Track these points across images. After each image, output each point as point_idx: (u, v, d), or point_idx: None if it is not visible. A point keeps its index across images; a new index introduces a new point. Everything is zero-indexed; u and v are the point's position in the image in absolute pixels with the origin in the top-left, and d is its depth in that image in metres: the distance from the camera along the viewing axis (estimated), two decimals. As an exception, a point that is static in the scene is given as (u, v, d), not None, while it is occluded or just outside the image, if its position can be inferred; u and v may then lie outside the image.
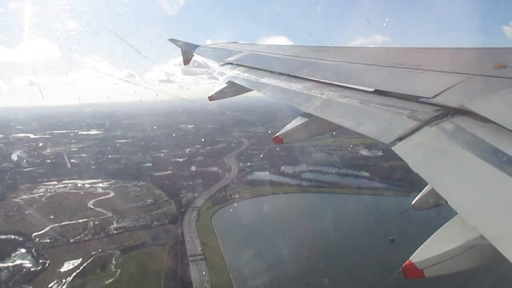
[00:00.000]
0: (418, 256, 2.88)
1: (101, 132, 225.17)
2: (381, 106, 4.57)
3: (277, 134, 5.83)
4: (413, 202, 5.52)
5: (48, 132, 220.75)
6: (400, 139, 3.72)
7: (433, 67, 5.17)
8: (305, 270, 71.70)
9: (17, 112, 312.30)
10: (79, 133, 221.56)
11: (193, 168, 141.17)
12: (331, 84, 6.08)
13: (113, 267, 74.06)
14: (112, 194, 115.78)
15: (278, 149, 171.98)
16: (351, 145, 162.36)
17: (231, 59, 10.89)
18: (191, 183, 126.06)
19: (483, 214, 2.59)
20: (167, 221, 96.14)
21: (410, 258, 2.87)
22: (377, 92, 5.02)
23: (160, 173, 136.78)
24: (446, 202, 2.77)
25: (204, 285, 68.82)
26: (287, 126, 5.87)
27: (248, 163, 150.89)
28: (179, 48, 14.86)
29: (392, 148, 3.67)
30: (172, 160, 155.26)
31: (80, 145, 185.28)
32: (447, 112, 3.77)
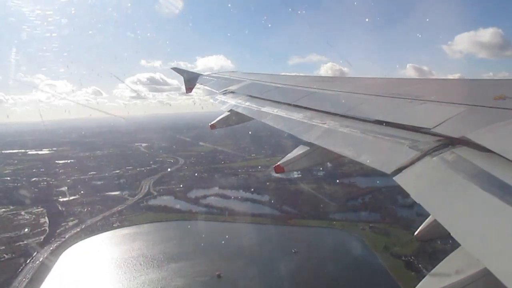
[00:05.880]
0: None
1: (51, 151, 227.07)
2: (382, 136, 4.55)
3: (279, 163, 5.67)
4: (416, 233, 5.37)
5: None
6: (401, 169, 3.65)
7: (433, 97, 5.18)
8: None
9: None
10: (29, 153, 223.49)
11: (102, 193, 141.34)
12: (332, 114, 6.08)
13: None
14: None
15: (202, 169, 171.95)
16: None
17: (232, 88, 11.10)
18: (86, 209, 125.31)
19: (487, 246, 2.48)
20: (21, 255, 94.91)
21: None
22: (378, 122, 5.01)
23: (66, 199, 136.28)
24: (449, 234, 2.66)
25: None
26: (288, 155, 5.74)
27: (163, 186, 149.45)
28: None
29: (394, 178, 3.60)
30: (92, 182, 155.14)
31: (17, 167, 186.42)
32: (448, 142, 3.75)
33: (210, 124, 9.62)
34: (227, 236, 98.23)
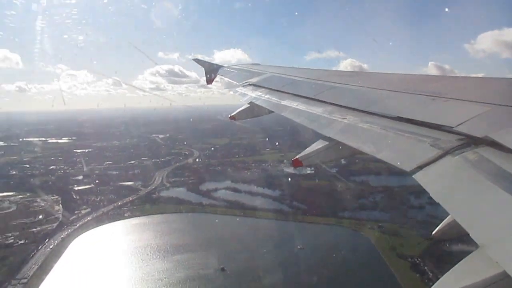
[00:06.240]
0: None
1: (71, 140, 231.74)
2: (403, 133, 4.58)
3: (297, 157, 5.75)
4: (434, 232, 5.42)
5: (20, 139, 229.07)
6: (421, 167, 3.68)
7: (457, 95, 5.13)
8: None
9: (8, 118, 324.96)
10: (49, 141, 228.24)
11: (116, 182, 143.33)
12: (352, 109, 6.11)
13: None
14: (12, 209, 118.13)
15: (216, 162, 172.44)
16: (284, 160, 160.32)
17: (253, 80, 11.19)
18: (99, 198, 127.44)
19: (506, 249, 2.52)
20: (33, 241, 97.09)
21: None
22: (399, 118, 5.02)
23: (81, 187, 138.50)
24: (468, 234, 2.71)
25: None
26: (307, 149, 5.81)
27: (176, 178, 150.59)
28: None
29: (413, 176, 3.64)
30: (107, 172, 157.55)
31: (37, 155, 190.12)
32: (471, 141, 3.73)
33: (230, 115, 9.65)
34: (234, 230, 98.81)
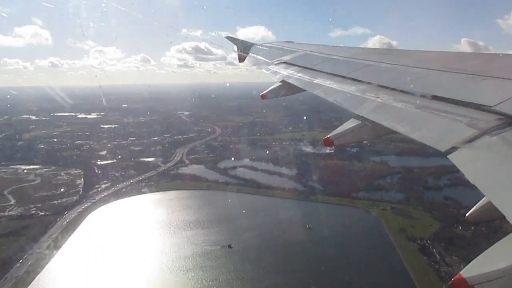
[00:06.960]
0: (470, 271, 2.66)
1: (99, 116, 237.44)
2: (439, 112, 4.46)
3: (328, 136, 5.61)
4: (467, 214, 5.37)
5: (51, 114, 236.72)
6: (456, 147, 3.60)
7: (497, 73, 5.03)
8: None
9: (41, 92, 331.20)
10: (78, 116, 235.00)
11: (138, 158, 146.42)
12: (386, 88, 6.06)
13: None
14: (37, 181, 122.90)
15: (236, 140, 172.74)
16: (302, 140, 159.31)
17: (285, 58, 11.29)
18: (119, 173, 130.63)
19: None
20: (53, 213, 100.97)
21: (460, 272, 2.66)
22: (435, 98, 4.92)
23: (103, 162, 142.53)
24: (504, 217, 2.66)
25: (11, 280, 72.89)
26: (338, 128, 5.68)
27: (195, 155, 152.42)
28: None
29: (448, 157, 3.55)
30: (130, 148, 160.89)
31: (65, 129, 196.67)
32: (511, 121, 3.64)
33: (261, 94, 9.52)
34: (246, 208, 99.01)
